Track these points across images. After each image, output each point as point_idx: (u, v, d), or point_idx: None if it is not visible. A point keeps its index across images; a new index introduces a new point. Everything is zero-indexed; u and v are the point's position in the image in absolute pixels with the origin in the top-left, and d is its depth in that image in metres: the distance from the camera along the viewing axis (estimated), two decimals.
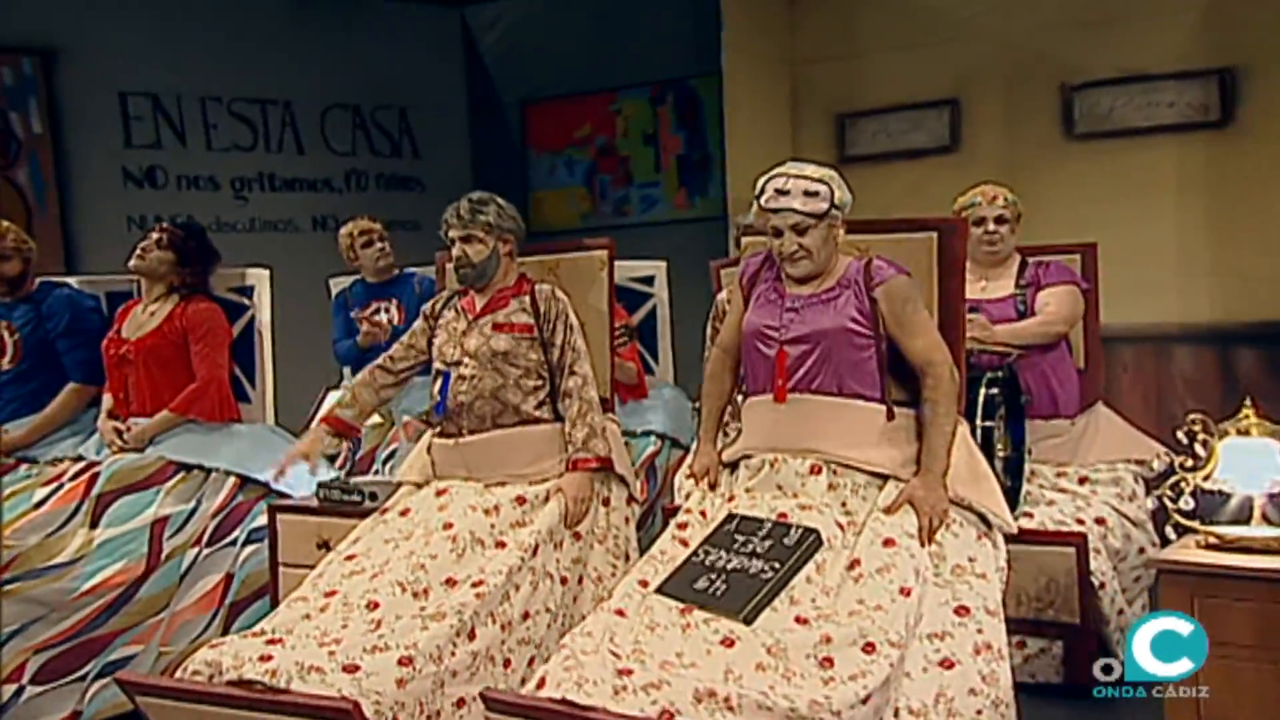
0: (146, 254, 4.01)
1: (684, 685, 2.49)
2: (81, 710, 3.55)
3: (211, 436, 3.98)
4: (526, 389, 3.33)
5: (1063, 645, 3.78)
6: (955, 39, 6.24)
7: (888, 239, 3.10)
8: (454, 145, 7.63)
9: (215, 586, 3.86)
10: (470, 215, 3.31)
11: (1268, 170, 5.50)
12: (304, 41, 7.19)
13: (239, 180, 7.15)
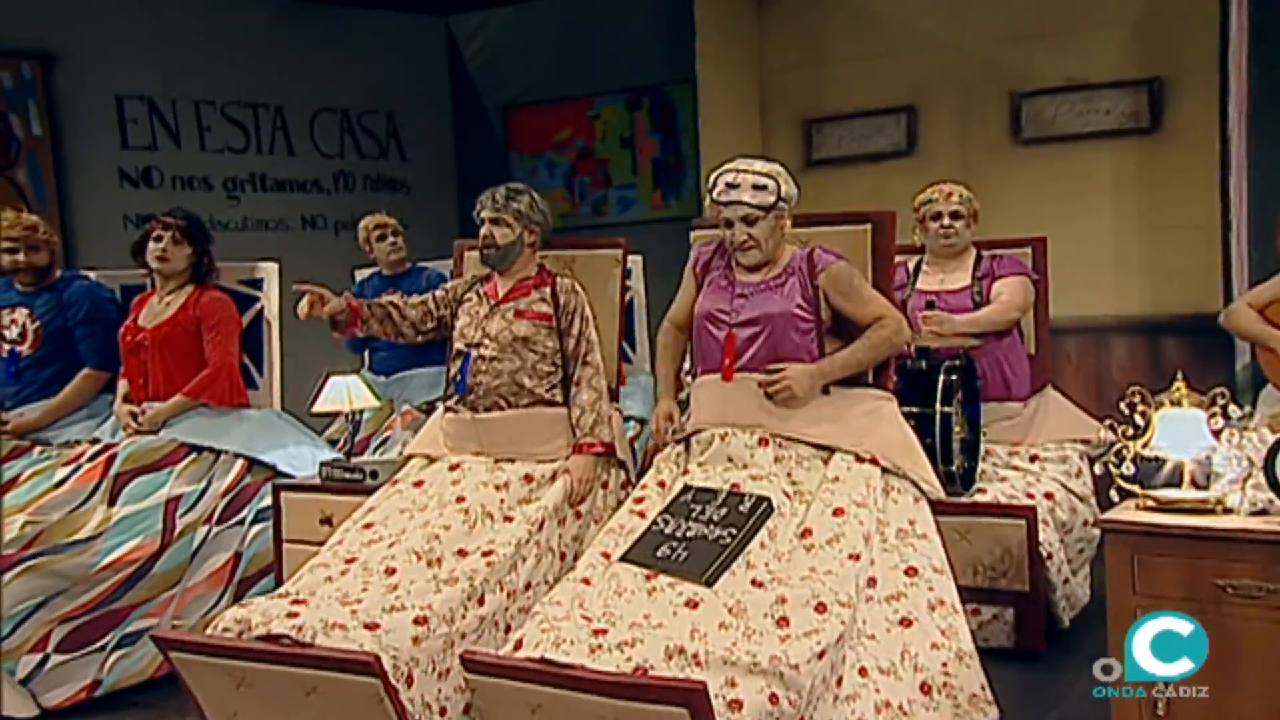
0: (169, 255, 3.99)
1: (655, 643, 2.54)
2: (101, 679, 3.57)
3: (221, 420, 3.98)
4: (541, 374, 3.35)
5: (1014, 612, 3.82)
6: (913, 50, 6.31)
7: (828, 230, 3.19)
8: (439, 148, 7.63)
9: (225, 564, 3.88)
10: (504, 201, 3.33)
11: (1191, 173, 5.59)
12: (294, 48, 7.18)
13: (231, 181, 7.13)
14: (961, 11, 6.23)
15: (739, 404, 3.02)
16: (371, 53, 7.42)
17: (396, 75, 7.52)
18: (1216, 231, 5.35)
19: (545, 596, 2.87)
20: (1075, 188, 5.89)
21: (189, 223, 4.09)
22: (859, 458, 2.94)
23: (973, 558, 3.78)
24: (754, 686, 2.45)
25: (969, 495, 3.91)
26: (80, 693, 3.54)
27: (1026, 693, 3.49)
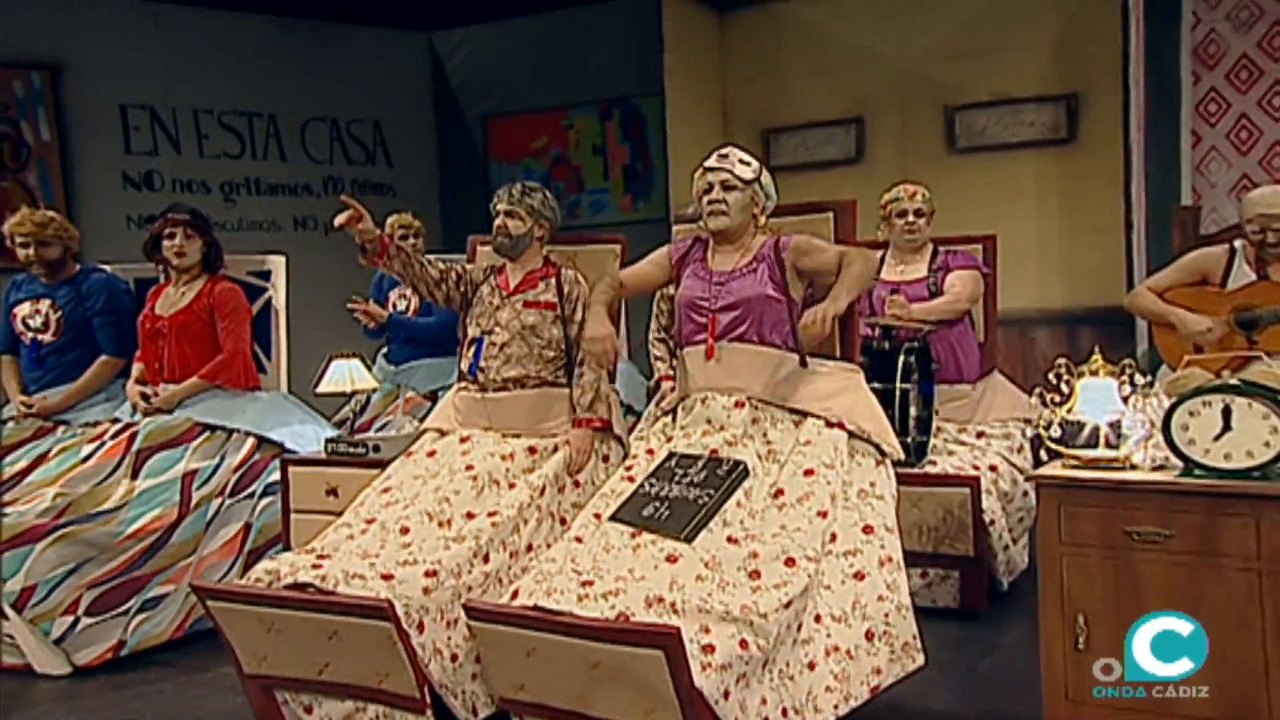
0: (184, 250, 4.00)
1: (637, 593, 2.56)
2: (126, 640, 3.60)
3: (233, 402, 4.01)
4: (547, 358, 3.36)
5: (959, 574, 3.87)
6: (859, 67, 6.37)
7: (797, 220, 3.22)
8: (423, 155, 7.62)
9: (236, 534, 3.90)
10: (520, 196, 3.34)
11: (1101, 180, 5.67)
12: (287, 61, 7.18)
13: (228, 185, 7.12)
14: (902, 32, 6.28)
15: (719, 371, 3.04)
16: (359, 66, 7.41)
17: (382, 87, 7.51)
18: (1121, 232, 5.44)
19: (544, 554, 2.91)
20: (1002, 192, 5.98)
21: (195, 217, 4.11)
22: (829, 423, 2.95)
23: (920, 521, 3.83)
24: (726, 633, 2.46)
25: (921, 467, 3.95)
26: (107, 652, 3.56)
27: (966, 643, 3.56)
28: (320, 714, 2.87)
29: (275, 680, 2.88)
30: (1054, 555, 2.58)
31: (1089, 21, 5.76)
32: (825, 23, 6.48)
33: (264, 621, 2.79)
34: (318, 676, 2.81)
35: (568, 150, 7.41)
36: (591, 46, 7.13)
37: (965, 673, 3.27)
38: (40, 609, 3.44)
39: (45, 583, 3.45)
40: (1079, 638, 2.50)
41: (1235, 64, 5.42)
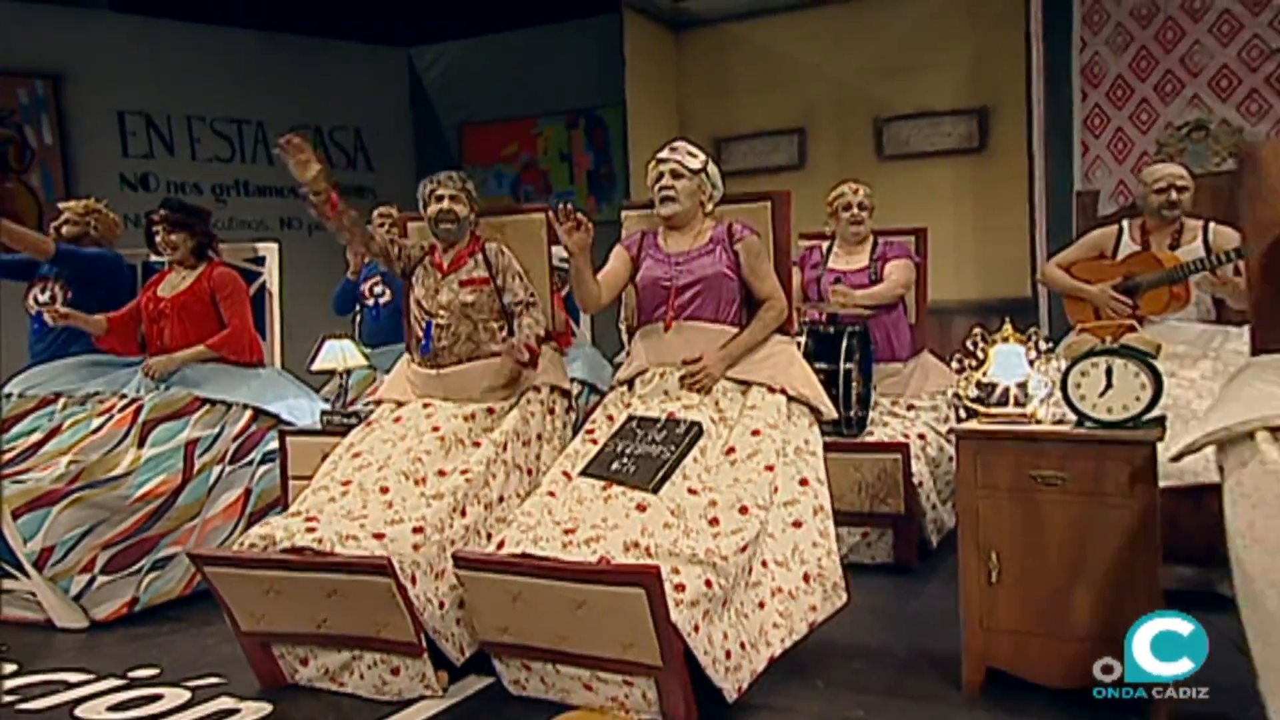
0: (169, 242, 3.98)
1: (615, 539, 2.58)
2: (139, 597, 3.60)
3: (233, 378, 4.00)
4: (492, 330, 3.30)
5: (892, 532, 3.92)
6: (801, 82, 6.49)
7: (739, 207, 3.23)
8: (401, 161, 7.63)
9: (237, 499, 3.88)
10: (461, 181, 3.29)
11: (1008, 184, 5.85)
12: (276, 73, 7.20)
13: (219, 186, 7.14)
14: (838, 51, 6.40)
15: (675, 346, 3.05)
16: (342, 78, 7.42)
17: (364, 97, 7.53)
18: (1026, 230, 5.60)
19: (518, 508, 2.88)
20: (924, 195, 6.05)
21: (176, 213, 4.06)
22: (770, 389, 2.99)
23: (859, 482, 3.88)
24: (693, 574, 2.49)
25: (861, 437, 4.00)
26: (122, 608, 3.55)
27: (898, 592, 3.64)
28: (317, 664, 2.86)
29: (273, 636, 2.86)
30: (971, 499, 2.65)
31: (997, 45, 5.91)
32: (771, 43, 6.58)
33: (262, 584, 2.76)
34: (316, 630, 2.78)
35: (537, 156, 7.45)
36: (558, 62, 7.18)
37: (896, 616, 3.35)
38: (59, 568, 3.44)
39: (63, 543, 3.44)
40: (992, 572, 2.59)
41: (1113, 83, 5.59)
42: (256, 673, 2.92)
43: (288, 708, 2.74)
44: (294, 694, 2.84)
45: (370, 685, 2.80)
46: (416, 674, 2.75)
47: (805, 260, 4.34)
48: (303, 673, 2.88)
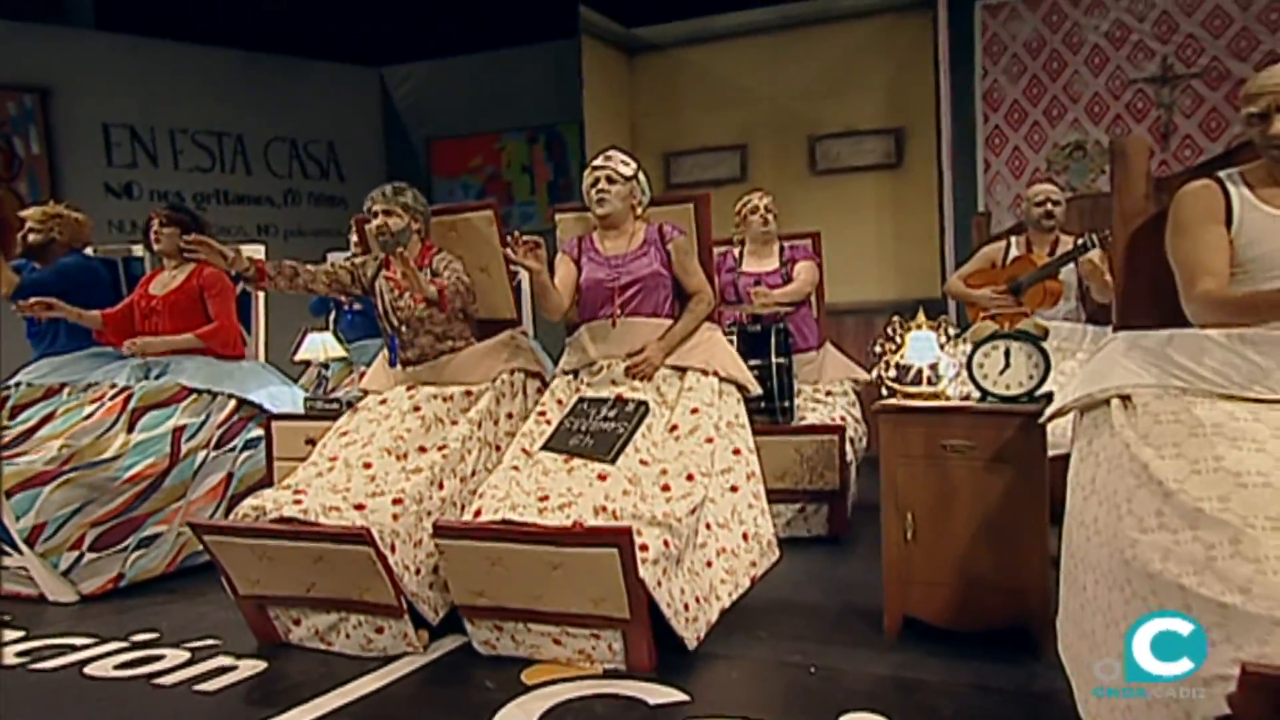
0: (160, 236, 3.97)
1: (584, 504, 2.63)
2: (124, 573, 3.59)
3: (218, 369, 3.99)
4: (455, 330, 3.28)
5: (827, 506, 3.99)
6: (742, 103, 6.57)
7: (667, 209, 3.27)
8: (372, 172, 7.51)
9: (220, 482, 3.86)
10: (393, 195, 3.17)
11: (921, 197, 6.02)
12: (254, 89, 7.14)
13: (200, 195, 7.04)
14: (775, 75, 6.49)
15: (620, 340, 3.11)
16: (317, 95, 7.38)
17: (337, 113, 7.47)
18: (936, 238, 5.77)
19: (486, 482, 2.88)
20: (850, 206, 6.24)
21: (173, 210, 4.06)
22: (704, 372, 3.07)
23: (800, 463, 3.95)
24: (653, 534, 2.55)
25: (794, 422, 4.06)
26: (108, 583, 3.54)
27: (830, 558, 3.75)
28: (308, 624, 2.87)
29: (267, 599, 2.88)
30: (892, 467, 2.74)
31: (911, 72, 6.06)
32: (715, 67, 6.66)
33: (255, 551, 2.78)
34: (306, 594, 2.80)
35: (500, 169, 7.42)
36: (521, 81, 7.16)
37: (829, 578, 3.46)
38: (49, 544, 3.43)
39: (53, 521, 3.43)
40: (908, 530, 2.70)
41: (1010, 108, 5.80)
42: (254, 632, 2.96)
43: (282, 664, 2.78)
44: (287, 651, 2.88)
45: (356, 644, 2.83)
46: (399, 633, 2.79)
47: (721, 264, 4.37)
48: (295, 632, 2.91)
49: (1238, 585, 1.58)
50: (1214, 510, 1.68)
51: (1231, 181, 2.21)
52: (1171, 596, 1.65)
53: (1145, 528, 1.76)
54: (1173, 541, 1.70)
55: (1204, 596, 1.60)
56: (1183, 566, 1.66)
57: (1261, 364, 1.96)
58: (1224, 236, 2.15)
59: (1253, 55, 5.17)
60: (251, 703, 2.52)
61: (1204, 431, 1.87)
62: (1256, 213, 2.15)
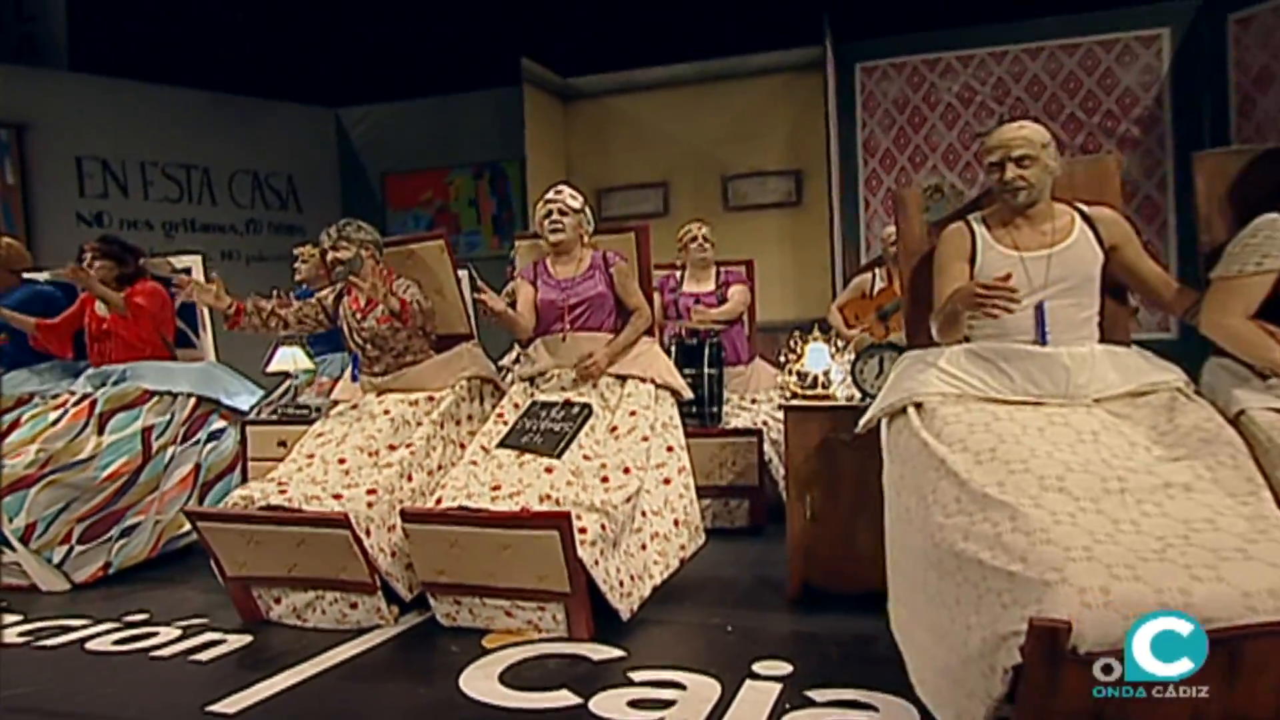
0: (95, 269, 3.86)
1: (531, 494, 2.71)
2: (111, 561, 3.58)
3: (173, 372, 3.92)
4: (415, 346, 3.34)
5: (748, 501, 4.03)
6: (665, 145, 6.73)
7: (612, 237, 3.38)
8: (329, 204, 7.50)
9: (190, 472, 3.84)
10: (338, 233, 3.23)
11: (816, 231, 6.22)
12: (220, 126, 7.07)
13: (168, 224, 6.96)
14: (692, 122, 6.66)
15: (570, 352, 3.20)
16: (278, 133, 7.31)
17: (297, 149, 7.40)
18: (828, 267, 5.98)
19: (448, 475, 2.96)
20: (758, 238, 6.34)
21: (105, 243, 3.95)
22: (642, 379, 3.15)
23: (725, 462, 4.02)
24: (592, 519, 2.63)
25: (721, 425, 4.15)
26: (98, 571, 3.53)
27: (748, 542, 3.85)
28: (287, 602, 2.90)
29: (252, 580, 2.90)
30: (796, 456, 2.85)
31: (807, 121, 6.30)
32: (640, 114, 6.81)
33: (244, 536, 2.83)
34: (288, 574, 2.84)
35: (449, 202, 7.38)
36: (468, 123, 7.16)
37: (745, 558, 3.57)
38: (42, 541, 3.43)
39: (43, 520, 3.43)
40: (808, 509, 2.84)
41: (883, 155, 6.10)
42: (238, 610, 2.98)
43: (266, 637, 2.82)
44: (269, 627, 2.92)
45: (332, 619, 2.87)
46: (371, 608, 2.84)
47: (664, 285, 4.47)
48: (275, 610, 2.95)
49: (1018, 555, 1.69)
50: (996, 494, 1.82)
51: (978, 223, 2.36)
52: (973, 570, 1.76)
53: (948, 513, 1.87)
54: (969, 523, 1.81)
55: (996, 567, 1.70)
56: (979, 544, 1.76)
57: (1010, 373, 2.19)
58: (966, 271, 2.31)
59: (1061, 114, 5.64)
60: (244, 668, 2.57)
61: (979, 429, 2.04)
62: (992, 251, 2.31)
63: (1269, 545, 1.66)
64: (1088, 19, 5.63)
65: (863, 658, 2.39)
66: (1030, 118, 2.38)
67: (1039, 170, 2.25)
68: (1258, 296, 2.11)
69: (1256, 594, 1.57)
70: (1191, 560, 1.64)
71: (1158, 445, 1.98)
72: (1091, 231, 2.31)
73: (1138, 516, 1.76)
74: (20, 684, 2.49)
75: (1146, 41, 5.55)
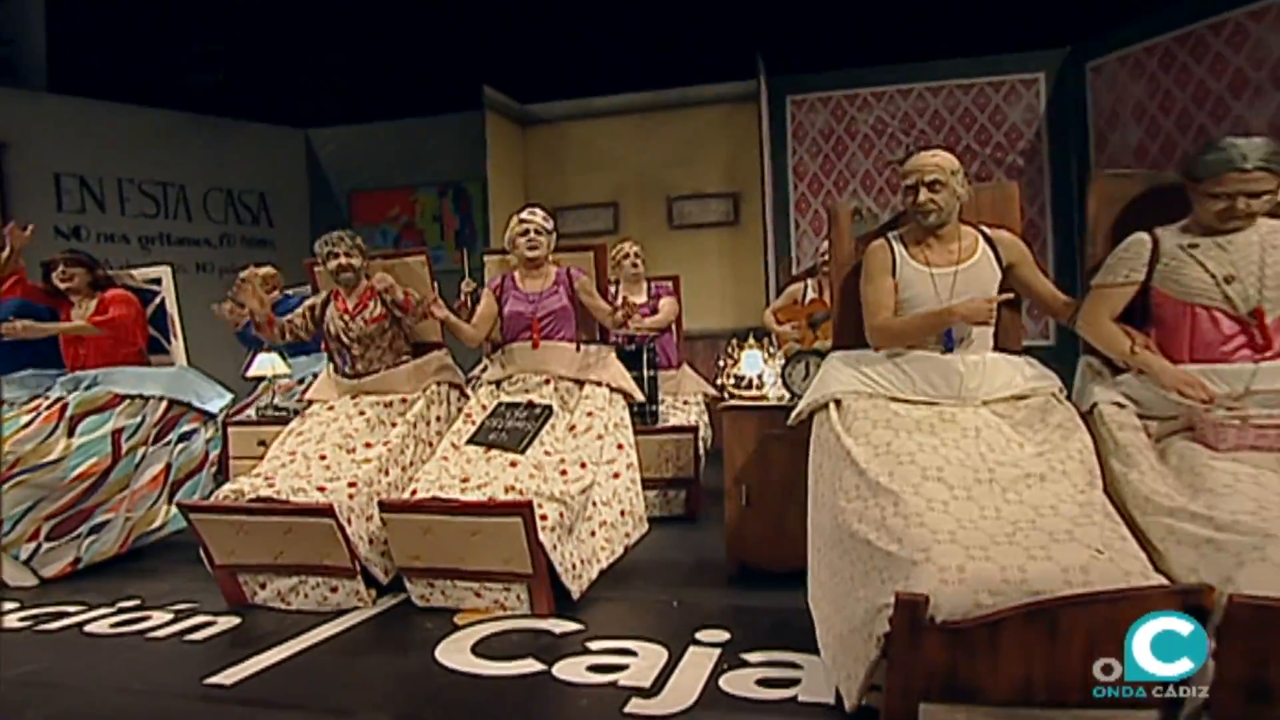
0: (69, 275, 3.81)
1: (498, 485, 2.76)
2: (80, 557, 3.51)
3: (144, 376, 3.84)
4: (396, 348, 3.40)
5: (686, 491, 4.11)
6: (614, 168, 6.80)
7: (571, 255, 3.45)
8: (298, 220, 7.48)
9: (160, 471, 3.77)
10: (351, 241, 3.35)
11: (752, 248, 6.33)
12: (195, 145, 7.00)
13: (144, 237, 6.85)
14: (640, 146, 6.74)
15: (536, 359, 3.24)
16: (251, 151, 7.25)
17: (268, 167, 7.34)
18: (762, 280, 6.08)
19: (421, 469, 2.99)
20: (699, 254, 6.52)
21: (73, 253, 3.90)
22: (598, 384, 3.20)
23: (666, 457, 4.09)
24: (552, 508, 2.70)
25: (659, 424, 4.21)
26: (67, 567, 3.47)
27: (687, 528, 3.92)
28: (272, 587, 2.93)
29: (240, 567, 2.92)
30: (732, 450, 2.92)
31: (744, 148, 6.42)
32: (593, 138, 6.88)
33: (234, 525, 2.86)
34: (274, 561, 2.87)
35: (415, 218, 7.36)
36: (433, 144, 7.14)
37: (687, 542, 3.64)
38: (9, 538, 3.35)
39: (9, 519, 3.35)
40: (744, 497, 2.91)
41: (811, 179, 6.25)
42: (225, 595, 3.01)
43: (254, 619, 2.87)
44: (255, 610, 2.96)
45: (315, 601, 2.91)
46: (351, 591, 2.88)
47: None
48: (261, 594, 2.98)
49: (896, 537, 1.81)
50: (886, 483, 1.94)
51: (897, 240, 2.45)
52: (864, 549, 1.87)
53: (850, 498, 1.99)
54: (864, 508, 1.93)
55: (879, 548, 1.82)
56: (869, 526, 1.88)
57: (913, 376, 2.33)
58: (890, 284, 2.40)
59: (959, 145, 5.90)
60: (236, 646, 2.62)
61: (881, 424, 2.18)
62: (908, 266, 2.41)
63: (1089, 529, 1.82)
64: (980, 62, 5.92)
65: (790, 626, 2.46)
66: (935, 147, 2.50)
67: (948, 195, 2.35)
68: (1122, 303, 2.28)
69: (1071, 570, 1.72)
70: (1031, 543, 1.78)
71: (1029, 442, 2.15)
72: (992, 251, 2.42)
73: (1001, 504, 1.91)
74: (27, 663, 2.52)
75: (1027, 84, 5.87)
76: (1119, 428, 2.14)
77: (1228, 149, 2.09)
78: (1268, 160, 2.08)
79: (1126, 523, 1.91)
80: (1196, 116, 4.87)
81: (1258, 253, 2.12)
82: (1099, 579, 1.71)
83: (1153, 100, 5.09)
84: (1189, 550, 1.77)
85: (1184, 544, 1.79)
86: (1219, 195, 2.12)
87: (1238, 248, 2.15)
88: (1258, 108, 4.55)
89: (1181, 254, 2.19)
